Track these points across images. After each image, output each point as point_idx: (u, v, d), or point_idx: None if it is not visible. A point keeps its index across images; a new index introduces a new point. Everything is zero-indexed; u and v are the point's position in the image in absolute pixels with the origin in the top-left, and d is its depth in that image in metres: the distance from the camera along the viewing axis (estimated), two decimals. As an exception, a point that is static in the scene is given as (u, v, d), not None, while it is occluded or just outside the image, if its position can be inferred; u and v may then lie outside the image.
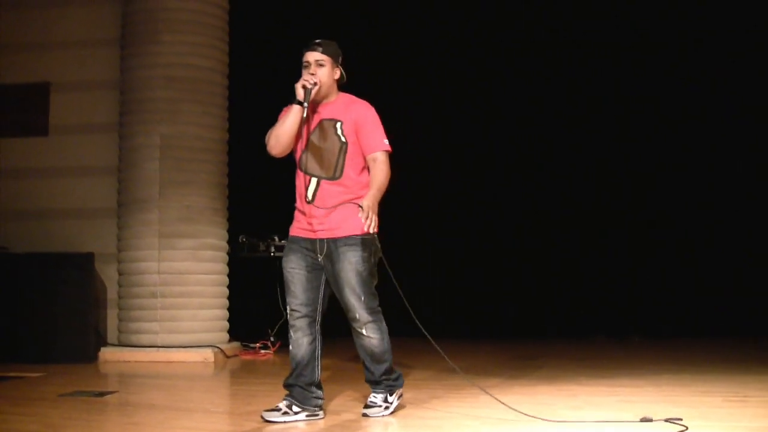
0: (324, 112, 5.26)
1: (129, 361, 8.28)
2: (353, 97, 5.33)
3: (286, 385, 5.24)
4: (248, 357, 8.74)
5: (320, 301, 5.30)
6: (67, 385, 6.43)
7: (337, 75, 5.26)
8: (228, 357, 8.52)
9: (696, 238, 10.30)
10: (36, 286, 8.27)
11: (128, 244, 8.64)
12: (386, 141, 5.20)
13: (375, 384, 5.32)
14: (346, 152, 5.18)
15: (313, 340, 5.30)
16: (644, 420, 4.71)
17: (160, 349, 8.38)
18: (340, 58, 5.29)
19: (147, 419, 5.22)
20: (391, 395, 5.31)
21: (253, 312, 9.40)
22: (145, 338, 8.47)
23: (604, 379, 6.72)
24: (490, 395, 5.26)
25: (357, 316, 5.16)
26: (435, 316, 10.28)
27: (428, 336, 5.19)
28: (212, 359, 8.30)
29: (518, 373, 7.04)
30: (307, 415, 5.15)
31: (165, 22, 8.64)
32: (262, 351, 8.94)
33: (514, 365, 7.64)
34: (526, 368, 7.38)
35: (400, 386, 5.41)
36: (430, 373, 7.09)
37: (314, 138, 5.23)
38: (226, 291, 8.91)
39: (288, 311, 5.32)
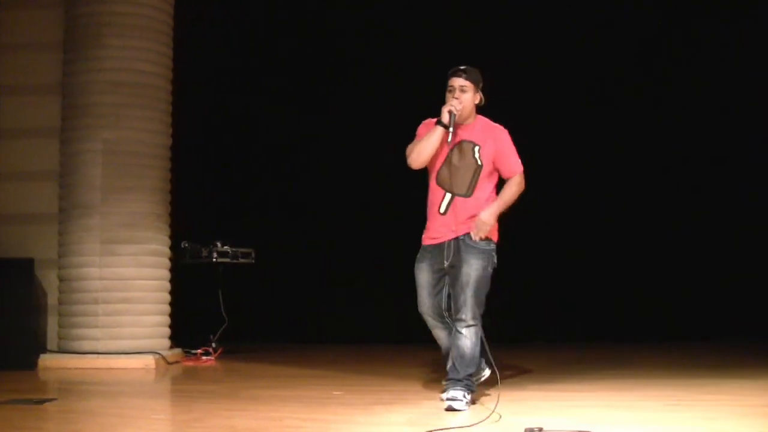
0: (463, 133, 5.74)
1: (69, 368, 8.18)
2: (490, 122, 5.82)
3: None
4: (190, 363, 8.70)
5: (444, 300, 5.86)
6: (5, 393, 6.33)
7: (477, 100, 5.74)
8: (170, 363, 8.46)
9: (633, 240, 10.43)
10: (-25, 291, 8.15)
11: (69, 249, 8.55)
12: (520, 162, 5.76)
13: (457, 382, 5.61)
14: (480, 174, 5.71)
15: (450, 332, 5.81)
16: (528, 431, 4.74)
17: (101, 355, 8.28)
18: (481, 84, 5.75)
19: (87, 427, 5.17)
20: (468, 393, 5.59)
21: (196, 318, 9.34)
22: (86, 344, 8.37)
23: (547, 384, 6.79)
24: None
25: (463, 317, 5.62)
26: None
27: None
28: (153, 366, 8.23)
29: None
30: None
31: (110, 27, 8.55)
32: (204, 357, 8.90)
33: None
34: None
35: (474, 390, 5.75)
36: (375, 379, 7.11)
37: (453, 157, 5.71)
38: (168, 297, 8.84)
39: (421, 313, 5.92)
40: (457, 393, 5.53)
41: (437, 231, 5.75)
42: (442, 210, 5.73)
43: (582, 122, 10.50)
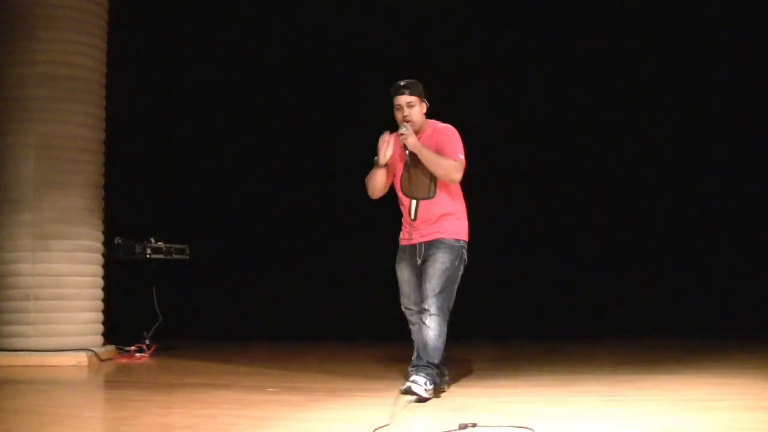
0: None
1: (1, 366, 8.07)
2: (439, 124, 6.05)
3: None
4: (124, 360, 8.63)
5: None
6: (-65, 391, 6.25)
7: (425, 109, 6.01)
8: (103, 360, 8.39)
9: (568, 238, 10.57)
10: None
11: (1, 245, 8.42)
12: (461, 156, 5.89)
13: (419, 368, 5.79)
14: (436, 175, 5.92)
15: None
16: (462, 427, 4.79)
17: (34, 352, 8.18)
18: (423, 93, 6.01)
19: (19, 426, 5.10)
20: (429, 382, 5.70)
21: (129, 315, 9.27)
22: (18, 342, 8.26)
23: (482, 380, 6.86)
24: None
25: (426, 306, 5.84)
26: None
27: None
28: (86, 363, 8.16)
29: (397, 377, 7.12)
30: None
31: (43, 18, 8.45)
32: (138, 354, 8.84)
33: (399, 367, 7.73)
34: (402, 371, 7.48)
35: (438, 384, 5.87)
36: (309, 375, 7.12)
37: (409, 166, 5.94)
38: (102, 294, 8.76)
39: (403, 309, 6.10)
40: (418, 378, 5.68)
41: (410, 233, 6.02)
42: (413, 217, 5.99)
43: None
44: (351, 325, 10.53)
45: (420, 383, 5.63)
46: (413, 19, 10.36)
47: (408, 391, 5.61)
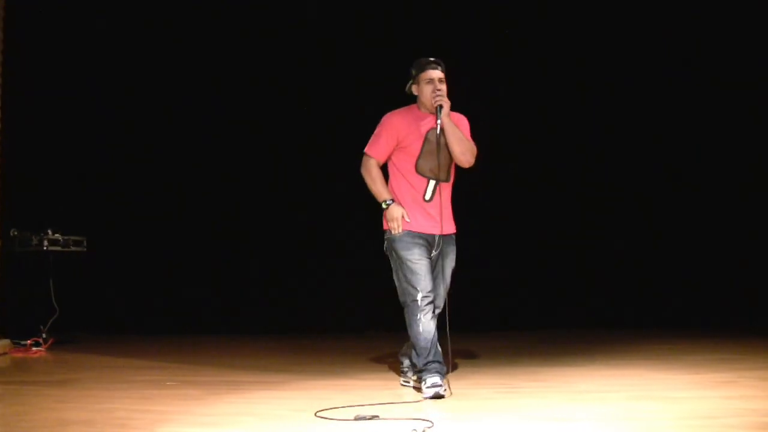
0: (435, 121, 5.78)
1: None
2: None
3: (428, 363, 5.68)
4: (19, 354, 8.46)
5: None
6: None
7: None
8: (-3, 355, 8.24)
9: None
10: None
11: None
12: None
13: (429, 369, 5.68)
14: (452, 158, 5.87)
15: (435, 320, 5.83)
16: (358, 418, 4.85)
17: (-77, 347, 8.01)
18: None
19: None
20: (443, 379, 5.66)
21: (25, 308, 9.09)
22: None
23: (377, 372, 6.92)
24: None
25: (440, 305, 5.90)
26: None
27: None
28: (-20, 357, 8.01)
29: (308, 369, 7.14)
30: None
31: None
32: (34, 348, 8.67)
33: (297, 360, 7.75)
34: (318, 363, 7.52)
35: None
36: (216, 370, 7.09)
37: (435, 144, 5.77)
38: (-4, 286, 8.60)
39: (418, 299, 5.74)
40: (437, 379, 5.61)
41: (425, 219, 5.83)
42: (427, 197, 5.84)
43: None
44: (248, 318, 10.48)
45: (440, 383, 5.58)
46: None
47: (437, 396, 5.50)
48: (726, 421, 4.59)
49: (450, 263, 5.96)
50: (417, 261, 5.76)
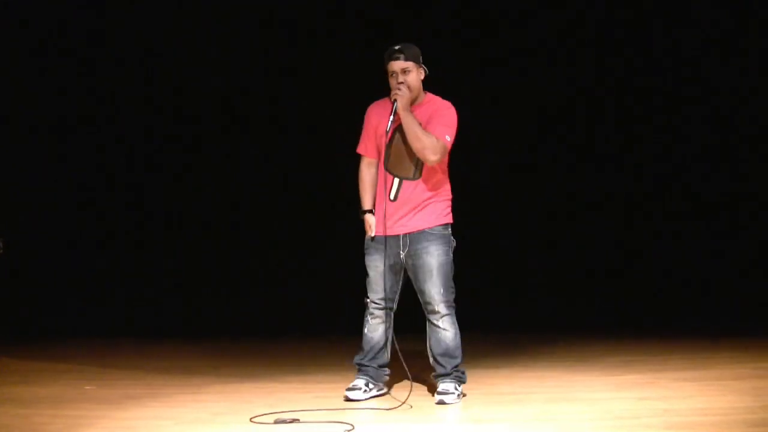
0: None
1: None
2: (439, 99, 5.60)
3: (359, 364, 5.71)
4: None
5: (398, 294, 5.66)
6: None
7: (422, 76, 5.53)
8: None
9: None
10: None
11: None
12: (448, 137, 5.44)
13: (445, 376, 5.55)
14: None
15: (388, 327, 5.68)
16: (278, 422, 4.85)
17: None
18: (421, 57, 5.54)
19: None
20: (459, 386, 5.54)
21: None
22: None
23: (299, 376, 6.89)
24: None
25: (436, 308, 5.50)
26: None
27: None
28: None
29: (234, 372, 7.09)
30: (378, 390, 5.69)
31: None
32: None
33: (222, 363, 7.70)
34: (246, 366, 7.49)
35: (465, 381, 5.67)
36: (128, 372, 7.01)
37: (396, 139, 5.50)
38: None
39: (368, 302, 5.66)
40: (449, 386, 5.48)
41: (381, 221, 5.52)
42: (392, 197, 5.52)
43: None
44: (165, 322, 10.38)
45: (451, 391, 5.45)
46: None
47: (441, 403, 5.40)
48: (644, 421, 4.68)
49: (427, 260, 5.49)
50: (371, 267, 5.62)
